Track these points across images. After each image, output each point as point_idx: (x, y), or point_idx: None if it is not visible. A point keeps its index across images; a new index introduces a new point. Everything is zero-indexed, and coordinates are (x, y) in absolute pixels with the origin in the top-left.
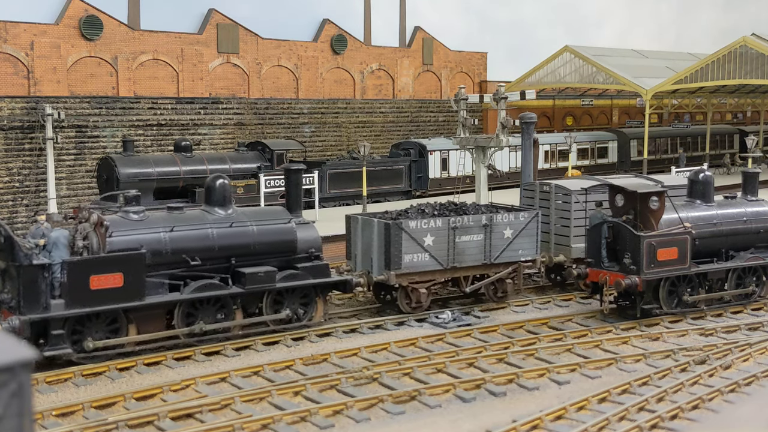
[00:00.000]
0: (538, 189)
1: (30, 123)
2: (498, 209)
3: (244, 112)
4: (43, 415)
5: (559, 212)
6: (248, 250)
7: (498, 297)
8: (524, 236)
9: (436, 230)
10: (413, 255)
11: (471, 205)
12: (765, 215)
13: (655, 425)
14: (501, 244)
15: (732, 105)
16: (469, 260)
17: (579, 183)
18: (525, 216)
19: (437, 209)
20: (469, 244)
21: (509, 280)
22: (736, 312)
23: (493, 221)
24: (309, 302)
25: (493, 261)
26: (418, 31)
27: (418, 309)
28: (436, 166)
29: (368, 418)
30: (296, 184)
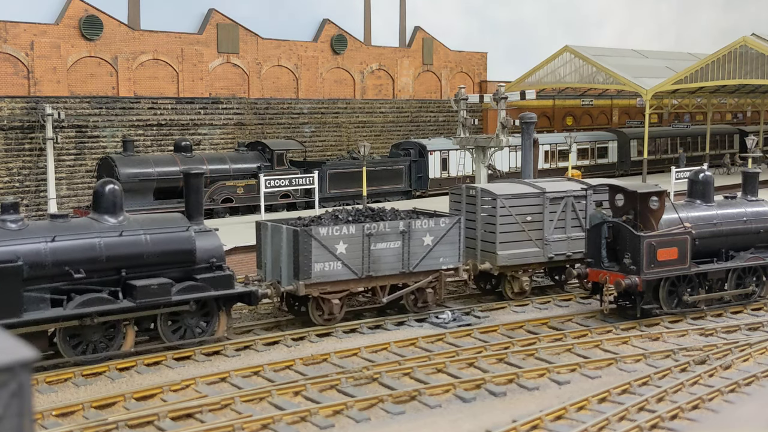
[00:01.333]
0: (465, 193)
1: (30, 123)
2: (419, 215)
3: (244, 112)
4: (43, 415)
5: (486, 218)
6: (141, 261)
7: (418, 307)
8: (445, 243)
9: (349, 237)
10: (324, 264)
11: (389, 211)
12: (765, 215)
13: (655, 425)
14: (420, 252)
15: (732, 105)
16: (386, 269)
17: (506, 188)
18: (446, 222)
19: (352, 215)
20: (385, 252)
21: (430, 289)
22: (736, 312)
23: (411, 228)
24: (211, 316)
25: (411, 270)
26: (418, 31)
27: (331, 321)
28: (436, 166)
29: (368, 418)
30: (196, 189)
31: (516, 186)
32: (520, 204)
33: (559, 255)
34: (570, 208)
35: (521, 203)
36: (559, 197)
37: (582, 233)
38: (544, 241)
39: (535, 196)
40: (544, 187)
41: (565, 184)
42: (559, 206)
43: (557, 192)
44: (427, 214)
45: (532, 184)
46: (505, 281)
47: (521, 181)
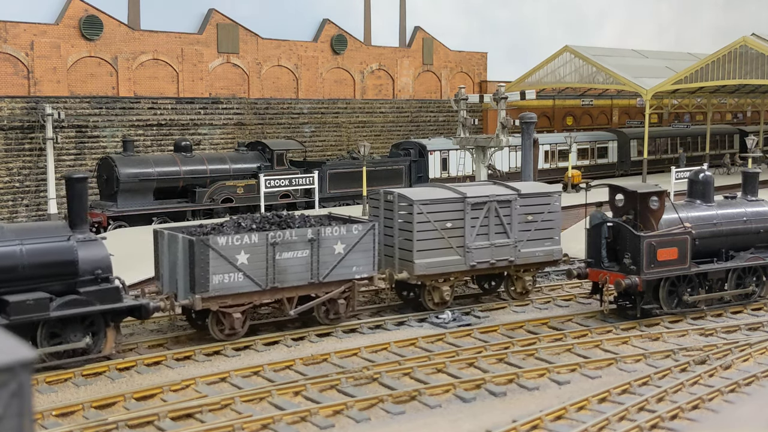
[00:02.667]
0: (383, 199)
1: (30, 123)
2: (331, 221)
3: (244, 112)
4: (43, 415)
5: (402, 224)
6: (15, 274)
7: (330, 319)
8: (359, 251)
9: (251, 247)
10: (224, 275)
11: (299, 218)
12: (765, 215)
13: (655, 425)
14: (331, 261)
15: (732, 105)
16: (293, 279)
17: (425, 192)
18: (359, 229)
19: (257, 222)
20: (292, 262)
21: (342, 300)
22: (736, 312)
23: (320, 235)
24: (98, 332)
25: (322, 280)
26: (418, 31)
27: (233, 336)
28: (436, 166)
29: (368, 418)
30: (79, 195)
31: (436, 191)
32: (438, 210)
33: (482, 263)
34: (494, 214)
35: (440, 209)
36: (481, 202)
37: (507, 240)
38: (466, 249)
39: (456, 202)
40: (465, 192)
41: (490, 188)
42: (482, 212)
43: (479, 197)
44: (341, 219)
45: (453, 188)
46: (425, 291)
47: (443, 186)
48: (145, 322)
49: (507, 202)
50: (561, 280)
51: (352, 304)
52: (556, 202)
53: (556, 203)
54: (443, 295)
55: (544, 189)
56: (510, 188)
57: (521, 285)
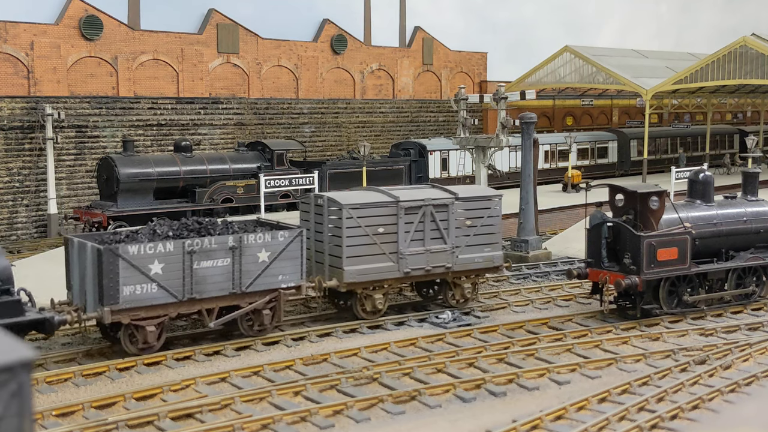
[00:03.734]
0: (313, 203)
1: (30, 123)
2: (256, 227)
3: (244, 112)
4: (43, 415)
5: (332, 229)
6: None
7: (255, 331)
8: (285, 259)
9: (166, 255)
10: (136, 286)
11: (221, 224)
12: (765, 215)
13: (655, 425)
14: (255, 270)
15: (732, 105)
16: (213, 290)
17: (356, 196)
18: (285, 235)
19: (174, 229)
20: (211, 271)
21: (267, 310)
22: (736, 312)
23: (243, 243)
24: None
25: (244, 290)
26: (418, 31)
27: (147, 350)
28: (436, 166)
29: (368, 418)
30: None
31: (368, 194)
32: (370, 214)
33: (417, 270)
34: (429, 219)
35: (371, 213)
36: (415, 207)
37: (444, 245)
38: (399, 255)
39: (388, 206)
40: (399, 196)
41: (425, 192)
42: (416, 217)
43: (413, 201)
44: (269, 225)
45: (386, 192)
46: (356, 299)
47: (376, 189)
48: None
49: (444, 207)
50: (561, 280)
51: (278, 314)
52: (497, 206)
53: (496, 207)
54: (376, 304)
55: (484, 192)
56: (447, 192)
57: (460, 292)
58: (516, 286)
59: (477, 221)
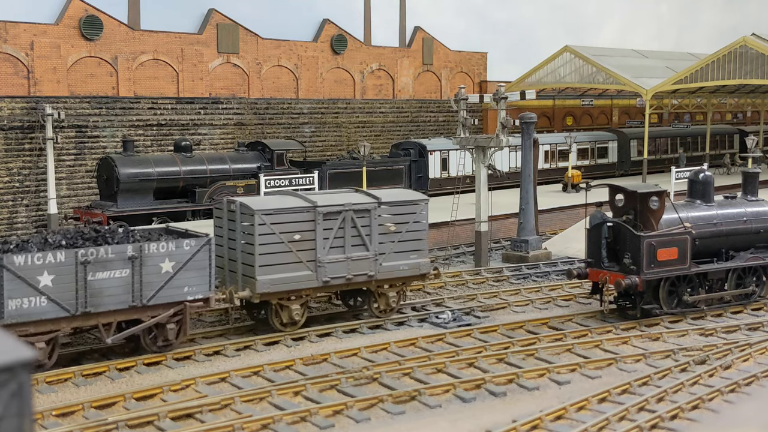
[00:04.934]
0: (226, 209)
1: (30, 123)
2: (162, 235)
3: (244, 112)
4: (43, 415)
5: (245, 236)
6: None
7: (159, 347)
8: (191, 269)
9: (57, 266)
10: (23, 300)
11: (121, 232)
12: (765, 215)
13: (655, 425)
14: (157, 281)
15: (732, 105)
16: (111, 303)
17: (270, 201)
18: (192, 244)
19: (69, 238)
20: (108, 283)
21: (172, 324)
22: (736, 312)
23: (144, 252)
24: None
25: (146, 303)
26: (418, 31)
27: (38, 369)
28: (436, 166)
29: (368, 418)
30: None
31: (284, 199)
32: (285, 220)
33: (337, 278)
34: (350, 224)
35: (287, 219)
36: (335, 212)
37: (366, 252)
38: (318, 263)
39: (305, 211)
40: (316, 201)
41: (346, 196)
42: (336, 222)
43: (332, 206)
44: (177, 233)
45: (304, 197)
46: (271, 311)
47: (294, 194)
48: None
49: (365, 212)
50: (561, 280)
51: (184, 329)
52: (423, 210)
53: (422, 212)
54: (292, 315)
55: (408, 197)
56: (370, 196)
57: (384, 302)
58: (516, 286)
59: (402, 227)
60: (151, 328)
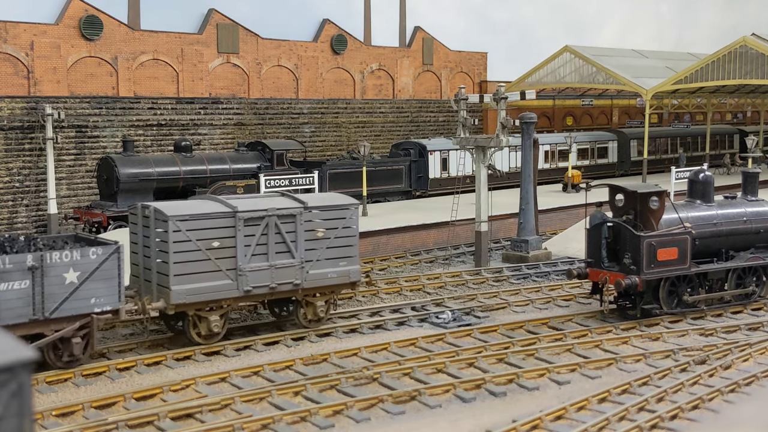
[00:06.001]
0: (140, 214)
1: (30, 123)
2: (67, 243)
3: (244, 112)
4: (43, 415)
5: (159, 244)
6: None
7: (66, 362)
8: (98, 279)
9: None
10: None
11: (23, 240)
12: (765, 215)
13: (655, 425)
14: (61, 293)
15: (732, 105)
16: (9, 316)
17: (186, 207)
18: (99, 253)
19: None
20: (6, 295)
21: (78, 338)
22: (736, 312)
23: (45, 262)
24: None
25: (48, 316)
26: (418, 31)
27: None
28: (436, 166)
29: (368, 418)
30: None
31: (202, 204)
32: (202, 226)
33: (260, 287)
34: (274, 231)
35: (204, 225)
36: (257, 218)
37: (292, 260)
38: (239, 272)
39: (224, 217)
40: (237, 206)
41: (270, 201)
42: (259, 228)
43: (254, 211)
44: (86, 240)
45: (224, 201)
46: (188, 322)
47: (214, 199)
48: None
49: (290, 217)
50: (561, 280)
51: (91, 342)
52: (353, 215)
53: (352, 217)
54: (211, 327)
55: (337, 201)
56: (296, 200)
57: (312, 311)
58: (516, 286)
59: (330, 233)
60: (56, 342)
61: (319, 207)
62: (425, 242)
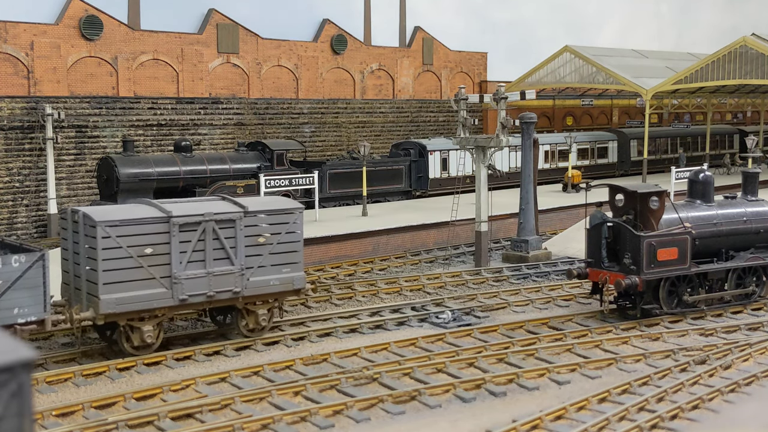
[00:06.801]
0: (70, 219)
1: (30, 123)
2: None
3: (244, 112)
4: (43, 415)
5: (88, 251)
6: None
7: None
8: (21, 288)
9: None
10: None
11: None
12: (765, 215)
13: (655, 425)
14: None
15: (732, 105)
16: None
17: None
18: (21, 260)
19: None
20: None
21: None
22: (736, 312)
23: None
24: None
25: None
26: (418, 31)
27: None
28: (436, 166)
29: (368, 418)
30: None
31: (135, 209)
32: (133, 232)
33: (197, 296)
34: (211, 237)
35: (136, 231)
36: (193, 223)
37: (231, 267)
38: (173, 280)
39: (157, 222)
40: (171, 210)
41: (208, 205)
42: (195, 234)
43: (190, 216)
44: (10, 246)
45: (158, 206)
46: (120, 333)
47: (148, 203)
48: None
49: (229, 222)
50: (561, 280)
51: None
52: (297, 220)
53: (296, 222)
54: (144, 337)
55: (280, 205)
56: (236, 205)
57: (254, 320)
58: (516, 286)
59: (273, 238)
60: None
61: (260, 212)
62: (425, 242)
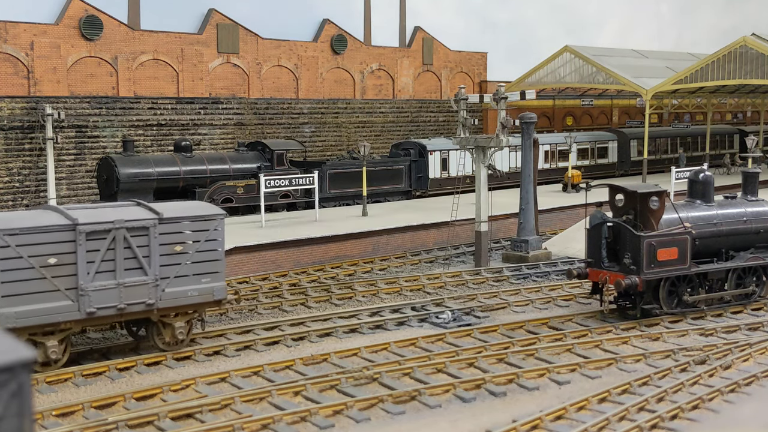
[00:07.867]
0: None
1: (30, 123)
2: None
3: (244, 112)
4: (43, 415)
5: None
6: None
7: None
8: None
9: None
10: None
11: None
12: (765, 215)
13: (655, 425)
14: None
15: (732, 105)
16: None
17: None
18: None
19: None
20: None
21: None
22: (736, 312)
23: None
24: None
25: None
26: (418, 31)
27: None
28: (436, 166)
29: (368, 418)
30: None
31: (38, 216)
32: (35, 241)
33: (106, 309)
34: (122, 245)
35: (37, 240)
36: (102, 231)
37: (144, 277)
38: (80, 292)
39: (62, 230)
40: (78, 217)
41: (119, 212)
42: (104, 243)
43: (98, 224)
44: None
45: (63, 213)
46: None
47: (55, 209)
48: None
49: (142, 230)
50: (561, 280)
51: None
52: (218, 227)
53: (217, 229)
54: (48, 353)
55: (200, 211)
56: (150, 211)
57: (170, 333)
58: (516, 286)
59: (191, 246)
60: None
61: (177, 218)
62: (425, 242)
